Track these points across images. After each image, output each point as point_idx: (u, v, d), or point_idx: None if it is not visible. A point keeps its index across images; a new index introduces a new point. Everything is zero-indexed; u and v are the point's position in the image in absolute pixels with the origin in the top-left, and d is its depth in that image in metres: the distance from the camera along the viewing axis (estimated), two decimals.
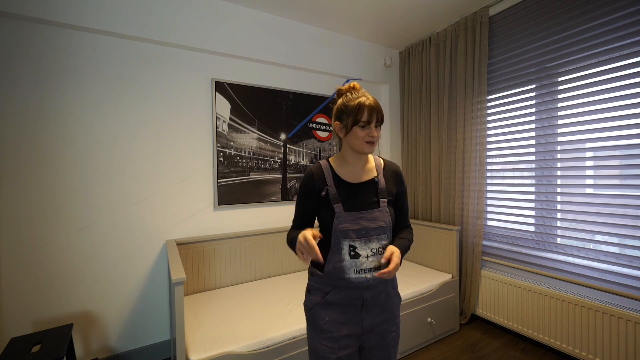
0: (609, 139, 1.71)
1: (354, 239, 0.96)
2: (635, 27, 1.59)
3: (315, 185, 1.03)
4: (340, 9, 2.28)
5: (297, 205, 1.09)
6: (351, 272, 0.96)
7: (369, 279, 0.96)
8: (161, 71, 2.00)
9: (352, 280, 0.96)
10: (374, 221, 0.99)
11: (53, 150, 1.72)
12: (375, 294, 1.00)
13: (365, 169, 1.06)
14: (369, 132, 0.98)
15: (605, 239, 1.74)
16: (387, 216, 1.01)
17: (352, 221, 0.97)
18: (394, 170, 1.10)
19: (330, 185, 1.01)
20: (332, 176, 1.04)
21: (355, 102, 0.99)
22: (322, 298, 1.01)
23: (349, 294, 0.98)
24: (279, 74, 2.45)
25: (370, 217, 0.99)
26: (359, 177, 1.04)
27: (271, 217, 2.43)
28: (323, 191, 1.02)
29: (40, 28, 1.68)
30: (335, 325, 0.98)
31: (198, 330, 1.56)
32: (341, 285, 0.98)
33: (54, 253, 1.72)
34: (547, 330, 1.94)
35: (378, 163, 1.10)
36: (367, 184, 1.03)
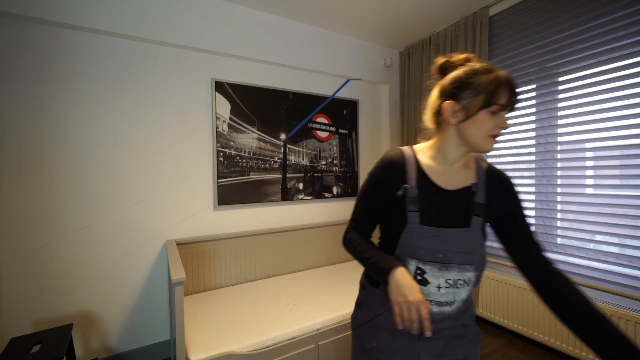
0: (609, 139, 1.71)
1: (425, 261, 0.72)
2: (635, 27, 1.59)
3: (393, 178, 0.76)
4: (340, 9, 2.27)
5: (360, 200, 0.82)
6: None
7: (435, 312, 0.74)
8: (161, 71, 2.00)
9: None
10: (458, 245, 0.72)
11: (53, 150, 1.72)
12: (441, 328, 0.76)
13: (463, 172, 0.77)
14: (500, 122, 0.69)
15: (605, 239, 1.74)
16: (478, 240, 0.74)
17: (427, 238, 0.72)
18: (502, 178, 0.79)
19: (411, 185, 0.75)
20: (417, 172, 0.76)
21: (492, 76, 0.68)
22: (372, 319, 0.81)
23: None
24: (279, 74, 2.45)
25: (455, 238, 0.72)
26: (454, 181, 0.76)
27: (271, 217, 2.43)
28: (400, 190, 0.75)
29: (40, 28, 1.68)
30: (384, 354, 0.78)
31: (198, 330, 1.56)
32: None
33: (54, 253, 1.72)
34: (547, 330, 1.94)
35: (479, 165, 0.80)
36: (461, 192, 0.75)
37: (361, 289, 0.88)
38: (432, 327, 0.75)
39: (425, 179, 0.76)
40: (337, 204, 2.76)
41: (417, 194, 0.74)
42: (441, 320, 0.76)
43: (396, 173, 0.77)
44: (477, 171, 0.78)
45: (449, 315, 0.76)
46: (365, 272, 0.89)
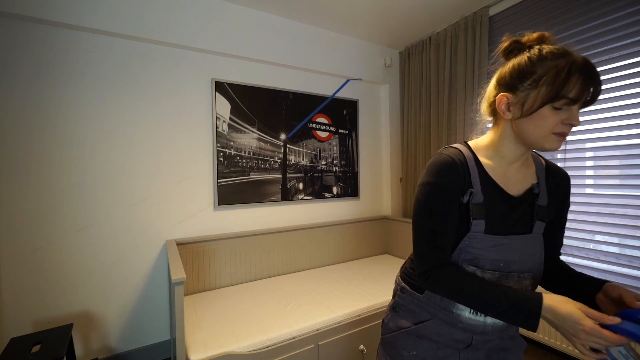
0: (609, 139, 1.71)
1: (485, 269, 0.66)
2: (635, 27, 1.59)
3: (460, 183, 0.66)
4: (340, 9, 2.27)
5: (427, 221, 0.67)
6: (465, 310, 0.68)
7: (488, 324, 0.69)
8: (161, 71, 2.00)
9: (463, 320, 0.69)
10: (520, 253, 0.66)
11: (52, 150, 1.72)
12: (488, 339, 0.72)
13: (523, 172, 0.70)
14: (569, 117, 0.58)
15: (605, 239, 1.74)
16: (539, 247, 0.68)
17: (491, 247, 0.65)
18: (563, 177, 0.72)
19: (477, 190, 0.66)
20: (480, 175, 0.68)
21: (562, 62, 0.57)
22: (413, 325, 0.75)
23: (453, 332, 0.71)
24: (279, 74, 2.45)
25: (518, 245, 0.66)
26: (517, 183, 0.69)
27: (271, 217, 2.43)
28: (466, 195, 0.66)
29: (39, 28, 1.68)
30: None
31: (198, 330, 1.56)
32: (444, 319, 0.71)
33: (54, 253, 1.72)
34: (547, 330, 1.94)
35: (538, 163, 0.72)
36: (524, 195, 0.68)
37: (399, 293, 0.81)
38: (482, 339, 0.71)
39: (490, 183, 0.67)
40: (337, 204, 2.76)
41: (483, 200, 0.66)
42: (492, 332, 0.71)
43: (462, 176, 0.66)
44: (537, 169, 0.70)
45: (501, 328, 0.70)
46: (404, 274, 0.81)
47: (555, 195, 0.70)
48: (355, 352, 1.71)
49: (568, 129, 0.58)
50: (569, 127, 0.58)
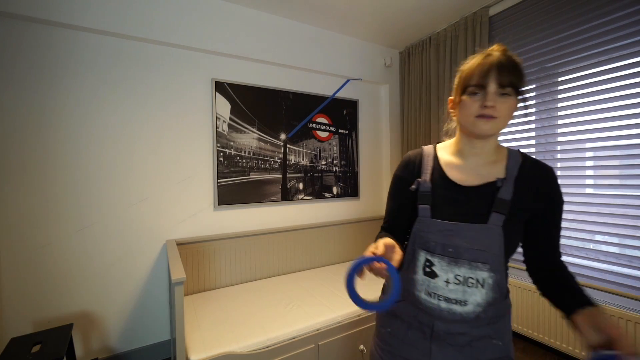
0: (609, 139, 1.71)
1: (434, 253, 0.72)
2: (635, 27, 1.59)
3: (409, 176, 0.80)
4: (340, 9, 2.27)
5: (387, 201, 0.86)
6: (422, 291, 0.74)
7: (443, 309, 0.71)
8: (161, 71, 2.00)
9: (421, 301, 0.74)
10: (470, 241, 0.69)
11: (54, 150, 1.72)
12: (455, 333, 0.72)
13: (488, 167, 0.73)
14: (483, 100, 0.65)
15: (605, 239, 1.74)
16: (495, 239, 0.68)
17: (438, 232, 0.72)
18: (540, 174, 0.71)
19: (424, 180, 0.76)
20: (433, 167, 0.77)
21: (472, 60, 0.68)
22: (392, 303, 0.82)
23: (417, 314, 0.76)
24: (279, 74, 2.45)
25: (468, 234, 0.69)
26: (474, 176, 0.73)
27: (271, 217, 2.43)
28: (414, 184, 0.77)
29: (42, 28, 1.68)
30: (396, 341, 0.79)
31: (198, 330, 1.56)
32: (411, 300, 0.77)
33: (54, 253, 1.72)
34: (547, 330, 1.94)
35: (514, 160, 0.73)
36: (482, 188, 0.71)
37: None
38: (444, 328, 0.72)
39: (441, 175, 0.76)
40: (337, 204, 2.76)
41: (429, 189, 0.75)
42: (452, 321, 0.71)
43: (412, 170, 0.80)
44: (507, 165, 0.73)
45: (462, 318, 0.71)
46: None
47: (530, 191, 0.70)
48: (355, 352, 1.71)
49: (487, 111, 0.65)
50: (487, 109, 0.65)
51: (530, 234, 0.74)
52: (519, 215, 0.69)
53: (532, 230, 0.73)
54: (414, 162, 0.81)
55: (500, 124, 0.67)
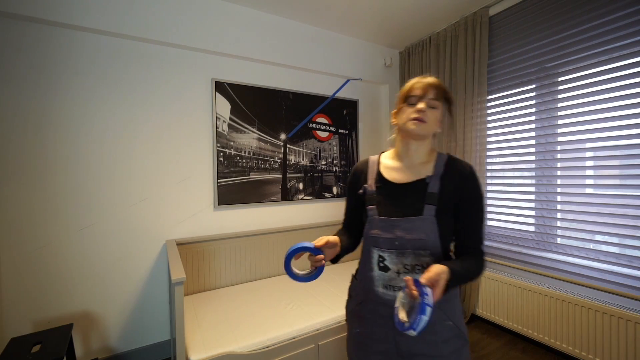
0: (609, 139, 1.71)
1: (384, 249, 0.83)
2: (635, 27, 1.59)
3: (356, 182, 0.95)
4: (340, 9, 2.27)
5: (345, 203, 1.03)
6: (379, 286, 0.84)
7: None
8: (161, 71, 2.00)
9: (380, 295, 0.83)
10: (410, 232, 0.80)
11: (54, 150, 1.72)
12: None
13: (420, 167, 0.87)
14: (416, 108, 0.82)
15: (605, 239, 1.74)
16: (430, 228, 0.79)
17: (385, 228, 0.83)
18: (459, 170, 0.84)
19: (369, 184, 0.90)
20: (376, 172, 0.91)
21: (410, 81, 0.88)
22: (356, 306, 0.91)
23: (379, 309, 0.84)
24: (279, 74, 2.45)
25: (408, 226, 0.80)
26: (407, 175, 0.86)
27: (271, 217, 2.43)
28: (361, 188, 0.91)
29: (41, 28, 1.68)
30: (367, 339, 0.87)
31: (198, 330, 1.56)
32: (371, 297, 0.86)
33: (54, 253, 1.72)
34: (547, 330, 1.94)
35: (440, 161, 0.86)
36: (415, 185, 0.84)
37: (351, 281, 0.99)
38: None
39: (382, 178, 0.89)
40: (337, 204, 2.76)
41: (374, 191, 0.88)
42: None
43: (359, 177, 0.95)
44: (435, 164, 0.86)
45: None
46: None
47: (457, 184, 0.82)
48: None
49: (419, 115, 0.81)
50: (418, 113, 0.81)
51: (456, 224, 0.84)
52: (447, 206, 0.81)
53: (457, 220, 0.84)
54: (361, 170, 0.95)
55: (429, 128, 0.82)
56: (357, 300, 0.92)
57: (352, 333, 0.93)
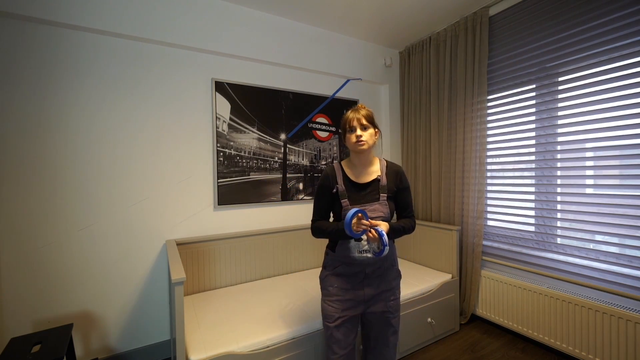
0: (609, 139, 1.71)
1: None
2: (635, 27, 1.59)
3: (330, 184, 1.27)
4: (340, 8, 2.27)
5: (315, 201, 1.31)
6: (355, 252, 1.21)
7: (369, 257, 1.21)
8: (161, 71, 2.00)
9: (356, 258, 1.22)
10: (373, 212, 1.22)
11: (53, 150, 1.72)
12: (375, 269, 1.26)
13: (370, 170, 1.29)
14: (356, 135, 1.21)
15: (605, 239, 1.74)
16: (386, 208, 1.24)
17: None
18: (395, 170, 1.31)
19: (340, 184, 1.26)
20: (343, 176, 1.28)
21: (345, 116, 1.26)
22: (334, 269, 1.28)
23: (353, 268, 1.25)
24: (279, 74, 2.45)
25: (371, 208, 1.22)
26: (364, 177, 1.28)
27: (271, 217, 2.43)
28: (334, 189, 1.26)
29: (41, 28, 1.68)
30: (342, 291, 1.26)
31: (198, 330, 1.56)
32: (347, 262, 1.24)
33: (54, 253, 1.72)
34: (547, 330, 1.94)
35: (382, 165, 1.31)
36: (371, 182, 1.27)
37: (325, 256, 1.34)
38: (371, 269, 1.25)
39: (348, 180, 1.28)
40: None
41: (344, 189, 1.26)
42: (374, 263, 1.24)
43: (331, 180, 1.28)
44: (380, 167, 1.30)
45: (379, 259, 1.24)
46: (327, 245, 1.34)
47: (395, 179, 1.29)
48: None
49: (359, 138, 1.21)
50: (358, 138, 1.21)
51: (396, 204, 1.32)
52: (392, 193, 1.28)
53: (397, 201, 1.31)
54: (330, 174, 1.29)
55: (368, 145, 1.23)
56: (333, 266, 1.28)
57: (328, 290, 1.28)
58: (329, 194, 1.27)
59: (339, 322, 1.24)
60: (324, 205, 1.29)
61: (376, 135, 1.27)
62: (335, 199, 1.26)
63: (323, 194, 1.28)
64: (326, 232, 1.24)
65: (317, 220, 1.30)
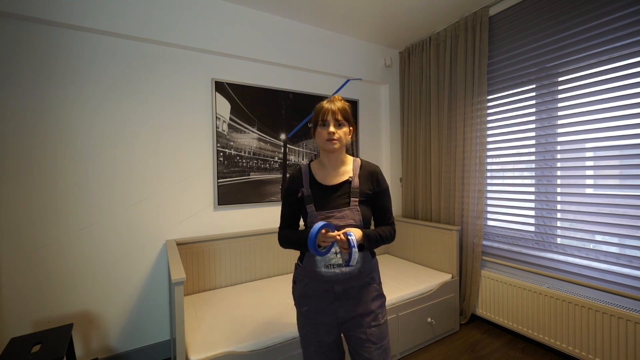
0: (609, 139, 1.71)
1: None
2: (635, 27, 1.59)
3: (295, 187, 1.13)
4: (340, 9, 2.27)
5: (282, 208, 1.17)
6: (321, 266, 1.06)
7: (337, 273, 1.05)
8: (161, 71, 2.00)
9: (323, 274, 1.06)
10: (342, 219, 1.04)
11: (53, 150, 1.72)
12: (347, 288, 1.07)
13: (341, 171, 1.12)
14: (327, 130, 1.05)
15: (605, 239, 1.74)
16: (357, 214, 1.06)
17: (322, 219, 1.04)
18: (370, 170, 1.13)
19: (305, 187, 1.10)
20: (309, 179, 1.12)
21: (317, 107, 1.09)
22: (302, 289, 1.12)
23: (321, 286, 1.07)
24: (279, 74, 2.45)
25: (339, 215, 1.05)
26: (333, 179, 1.11)
27: (271, 217, 2.43)
28: (299, 193, 1.11)
29: (41, 28, 1.68)
30: (313, 314, 1.10)
31: (198, 330, 1.56)
32: (314, 278, 1.08)
33: (54, 253, 1.72)
34: (547, 330, 1.94)
35: (356, 165, 1.14)
36: (341, 185, 1.10)
37: (295, 269, 1.18)
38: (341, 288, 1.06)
39: (315, 182, 1.11)
40: None
41: (310, 193, 1.09)
42: (345, 280, 1.06)
43: (296, 183, 1.13)
44: (353, 168, 1.13)
45: (350, 275, 1.06)
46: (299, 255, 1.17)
47: (370, 181, 1.11)
48: None
49: (331, 135, 1.04)
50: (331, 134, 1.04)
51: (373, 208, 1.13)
52: (365, 197, 1.08)
53: (373, 206, 1.12)
54: (296, 177, 1.14)
55: (341, 143, 1.07)
56: (302, 284, 1.12)
57: (301, 312, 1.13)
58: (294, 198, 1.12)
59: (315, 348, 1.11)
60: (289, 211, 1.14)
61: (350, 133, 1.12)
62: (302, 204, 1.10)
63: (289, 199, 1.14)
64: (291, 242, 1.10)
65: (284, 228, 1.16)
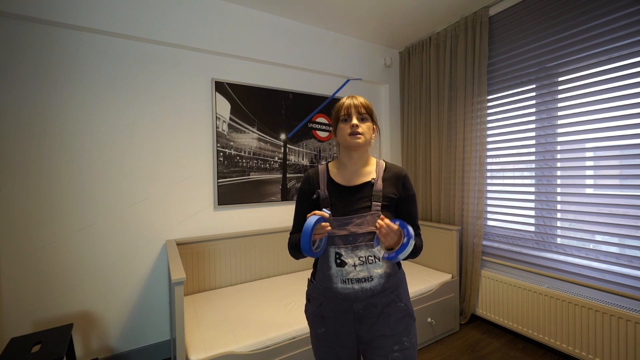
0: (609, 139, 1.71)
1: (340, 245, 0.91)
2: (635, 27, 1.59)
3: (311, 189, 1.02)
4: (340, 9, 2.27)
5: (295, 210, 1.06)
6: (338, 282, 0.92)
7: (357, 290, 0.90)
8: (161, 71, 2.00)
9: (340, 291, 0.92)
10: (361, 226, 0.91)
11: (52, 150, 1.72)
12: (368, 306, 0.92)
13: (363, 172, 1.01)
14: (350, 123, 0.96)
15: (605, 239, 1.74)
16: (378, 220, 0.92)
17: (339, 227, 0.92)
18: (396, 172, 1.00)
19: (322, 189, 0.99)
20: (327, 179, 1.02)
21: (337, 104, 1.02)
22: (317, 308, 0.98)
23: (339, 305, 0.94)
24: (279, 74, 2.45)
25: (359, 221, 0.91)
26: (354, 179, 0.99)
27: (271, 217, 2.43)
28: (315, 194, 1.00)
29: (38, 27, 1.68)
30: (331, 336, 0.96)
31: (198, 330, 1.56)
32: (330, 295, 0.94)
33: (54, 253, 1.72)
34: (547, 330, 1.94)
35: (380, 166, 1.02)
36: (362, 187, 0.97)
37: (308, 286, 1.05)
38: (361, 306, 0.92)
39: (333, 183, 1.00)
40: None
41: (327, 195, 0.98)
42: (365, 298, 0.92)
43: (312, 184, 1.02)
44: (376, 169, 1.01)
45: (372, 292, 0.92)
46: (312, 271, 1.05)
47: (395, 185, 0.98)
48: None
49: (355, 128, 0.94)
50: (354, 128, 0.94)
51: (398, 215, 1.00)
52: (389, 202, 0.96)
53: (398, 212, 1.00)
54: (313, 177, 1.04)
55: (366, 138, 0.96)
56: (317, 303, 0.98)
57: (316, 333, 0.99)
58: (309, 200, 1.01)
59: None
60: (302, 214, 1.00)
61: (374, 131, 1.02)
62: (317, 208, 0.98)
63: (302, 201, 1.03)
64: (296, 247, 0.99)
65: (294, 233, 1.04)
